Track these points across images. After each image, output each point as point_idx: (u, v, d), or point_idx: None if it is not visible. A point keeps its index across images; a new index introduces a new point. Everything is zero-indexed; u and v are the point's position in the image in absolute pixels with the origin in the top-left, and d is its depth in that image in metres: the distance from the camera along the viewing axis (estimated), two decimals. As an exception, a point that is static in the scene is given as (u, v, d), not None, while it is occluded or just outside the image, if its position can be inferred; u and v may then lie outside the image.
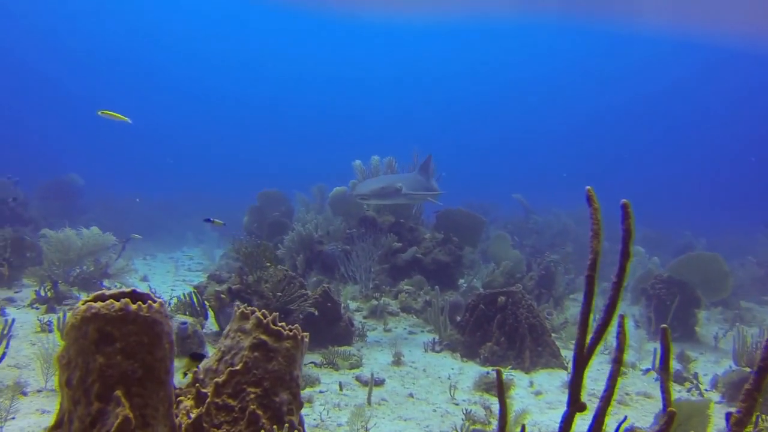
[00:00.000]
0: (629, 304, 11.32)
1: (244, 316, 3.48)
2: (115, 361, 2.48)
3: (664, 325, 2.13)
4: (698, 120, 58.11)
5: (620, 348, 2.07)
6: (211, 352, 6.72)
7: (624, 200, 1.82)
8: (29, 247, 9.67)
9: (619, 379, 2.09)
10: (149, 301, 2.62)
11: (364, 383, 5.95)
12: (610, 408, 2.11)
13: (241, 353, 3.38)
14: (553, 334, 7.81)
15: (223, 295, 7.04)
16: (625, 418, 3.67)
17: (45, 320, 6.99)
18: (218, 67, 67.05)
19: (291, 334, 3.38)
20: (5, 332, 5.10)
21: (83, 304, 2.51)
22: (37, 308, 7.92)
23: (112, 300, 2.52)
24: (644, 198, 29.54)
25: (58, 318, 6.68)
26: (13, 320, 5.33)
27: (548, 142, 63.80)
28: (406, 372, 6.56)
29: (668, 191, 44.00)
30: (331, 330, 7.25)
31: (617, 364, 2.08)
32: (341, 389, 5.75)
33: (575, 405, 2.15)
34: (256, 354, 3.33)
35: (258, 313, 3.39)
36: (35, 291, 8.27)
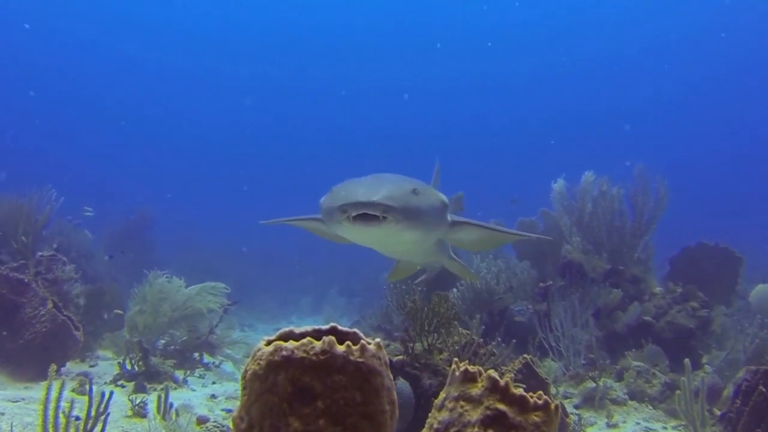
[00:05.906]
0: None
1: (469, 377, 3.31)
2: (316, 427, 2.37)
3: None
4: None
5: None
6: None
7: None
8: (107, 305, 10.10)
9: None
10: (362, 342, 2.51)
11: (598, 499, 5.64)
12: None
13: (466, 431, 3.21)
14: None
15: (380, 370, 6.95)
16: None
17: (137, 401, 7.18)
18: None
19: (540, 402, 3.17)
20: (101, 410, 5.22)
21: (268, 345, 2.44)
22: (123, 386, 8.21)
23: (310, 338, 2.43)
24: None
25: (159, 398, 6.85)
26: (112, 394, 5.46)
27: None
28: (657, 486, 6.18)
29: None
30: (536, 421, 6.99)
31: None
32: (567, 506, 5.46)
33: None
34: (491, 432, 3.15)
35: (490, 373, 3.21)
36: (119, 363, 8.59)
